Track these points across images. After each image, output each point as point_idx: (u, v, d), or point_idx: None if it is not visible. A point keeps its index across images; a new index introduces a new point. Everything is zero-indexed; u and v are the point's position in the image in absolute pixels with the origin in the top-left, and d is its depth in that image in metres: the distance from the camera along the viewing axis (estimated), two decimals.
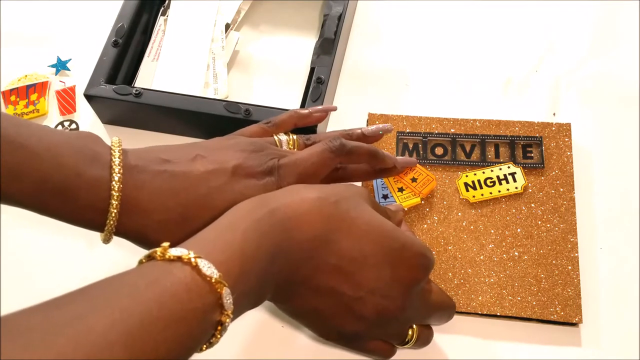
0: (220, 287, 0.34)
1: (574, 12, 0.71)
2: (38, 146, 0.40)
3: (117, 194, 0.41)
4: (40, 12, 0.75)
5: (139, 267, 0.35)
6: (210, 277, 0.34)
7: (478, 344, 0.54)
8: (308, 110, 0.55)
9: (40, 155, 0.40)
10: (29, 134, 0.40)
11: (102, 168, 0.41)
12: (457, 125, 0.62)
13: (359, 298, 0.43)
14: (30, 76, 0.70)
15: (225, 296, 0.35)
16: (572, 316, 0.53)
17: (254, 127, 0.52)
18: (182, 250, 0.35)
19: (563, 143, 0.60)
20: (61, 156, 0.40)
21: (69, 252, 0.60)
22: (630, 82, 0.66)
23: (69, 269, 0.59)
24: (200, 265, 0.34)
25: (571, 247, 0.56)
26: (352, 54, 0.70)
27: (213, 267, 0.35)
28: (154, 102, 0.61)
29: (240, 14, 0.71)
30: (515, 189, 0.58)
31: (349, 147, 0.49)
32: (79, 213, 0.42)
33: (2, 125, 0.39)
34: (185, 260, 0.34)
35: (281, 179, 0.46)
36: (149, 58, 0.68)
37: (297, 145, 0.51)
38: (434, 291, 0.48)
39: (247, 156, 0.46)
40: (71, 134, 0.43)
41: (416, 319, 0.48)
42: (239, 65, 0.70)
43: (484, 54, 0.69)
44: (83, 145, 0.42)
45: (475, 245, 0.57)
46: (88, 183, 0.41)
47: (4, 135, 0.39)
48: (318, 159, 0.48)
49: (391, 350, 0.48)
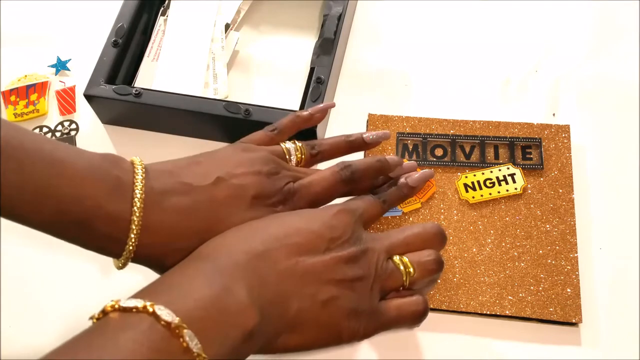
0: (180, 330, 0.34)
1: (574, 12, 0.71)
2: (60, 174, 0.39)
3: (137, 228, 0.41)
4: (40, 12, 0.75)
5: (97, 325, 0.35)
6: (170, 322, 0.34)
7: (478, 344, 0.54)
8: (309, 112, 0.55)
9: (61, 187, 0.39)
10: (50, 159, 0.39)
11: (123, 200, 0.41)
12: (457, 127, 0.62)
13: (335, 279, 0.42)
14: (30, 76, 0.70)
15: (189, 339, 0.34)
16: (572, 316, 0.53)
17: (260, 135, 0.52)
18: (137, 300, 0.35)
19: (562, 144, 0.61)
20: (82, 187, 0.40)
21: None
22: (630, 83, 0.66)
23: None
24: (159, 312, 0.34)
25: (570, 248, 0.56)
26: (352, 54, 0.70)
27: (172, 313, 0.34)
28: (154, 102, 0.62)
29: (240, 14, 0.71)
30: (515, 190, 0.59)
31: (359, 174, 0.50)
32: (97, 242, 0.42)
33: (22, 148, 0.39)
34: (142, 309, 0.34)
35: (295, 203, 0.47)
36: (149, 58, 0.68)
37: (305, 155, 0.51)
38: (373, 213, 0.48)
39: (264, 181, 0.46)
40: (94, 157, 0.42)
41: (381, 239, 0.46)
42: (239, 65, 0.70)
43: (484, 54, 0.69)
44: (105, 173, 0.41)
45: (475, 245, 0.57)
46: (108, 216, 0.41)
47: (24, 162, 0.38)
48: (329, 186, 0.49)
49: (413, 303, 0.45)
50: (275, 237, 0.42)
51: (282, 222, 0.44)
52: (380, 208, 0.49)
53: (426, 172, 0.52)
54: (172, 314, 0.34)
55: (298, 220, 0.44)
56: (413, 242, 0.46)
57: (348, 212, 0.45)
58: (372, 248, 0.44)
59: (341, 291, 0.42)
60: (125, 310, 0.34)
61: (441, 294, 0.55)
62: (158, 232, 0.42)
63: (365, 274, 0.43)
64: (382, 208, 0.49)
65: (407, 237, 0.46)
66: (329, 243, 0.43)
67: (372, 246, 0.45)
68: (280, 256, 0.41)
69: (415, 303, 0.45)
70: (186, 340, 0.34)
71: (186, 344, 0.34)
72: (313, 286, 0.41)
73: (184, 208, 0.43)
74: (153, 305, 0.34)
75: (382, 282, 0.44)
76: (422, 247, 0.46)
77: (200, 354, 0.34)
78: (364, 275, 0.43)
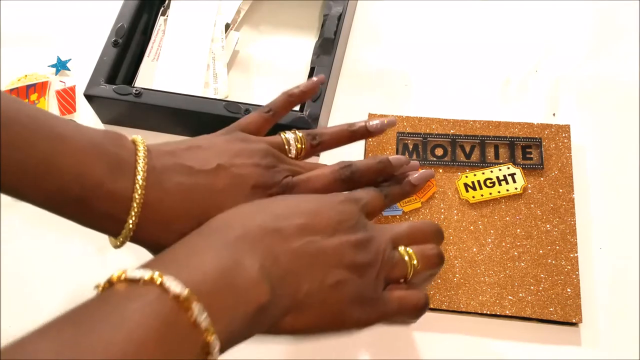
0: (189, 303, 0.33)
1: (574, 12, 0.71)
2: (61, 151, 0.39)
3: (138, 206, 0.41)
4: (40, 12, 0.75)
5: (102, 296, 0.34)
6: (179, 294, 0.33)
7: (478, 344, 0.54)
8: (300, 89, 0.53)
9: (62, 164, 0.39)
10: (52, 135, 0.39)
11: (124, 178, 0.41)
12: (457, 126, 0.62)
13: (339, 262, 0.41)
14: (30, 76, 0.70)
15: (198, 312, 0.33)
16: (572, 316, 0.53)
17: (255, 117, 0.51)
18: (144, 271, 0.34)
19: (562, 144, 0.61)
20: (84, 164, 0.39)
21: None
22: (630, 83, 0.66)
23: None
24: (167, 283, 0.33)
25: (570, 247, 0.56)
26: (352, 54, 0.70)
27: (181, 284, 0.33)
28: (154, 102, 0.62)
29: (240, 14, 0.72)
30: (515, 190, 0.59)
31: (359, 174, 0.49)
32: (96, 220, 0.41)
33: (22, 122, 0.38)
34: (149, 280, 0.33)
35: None
36: (149, 58, 0.68)
37: (305, 145, 0.51)
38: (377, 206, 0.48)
39: (263, 173, 0.46)
40: (95, 134, 0.41)
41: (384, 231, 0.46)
42: (239, 65, 0.70)
43: (484, 54, 0.69)
44: (107, 150, 0.41)
45: (475, 245, 0.57)
46: (109, 193, 0.40)
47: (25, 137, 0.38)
48: (327, 184, 0.48)
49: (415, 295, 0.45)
50: (286, 215, 0.41)
51: (290, 202, 0.44)
52: (382, 201, 0.48)
53: (428, 171, 0.52)
54: (181, 285, 0.33)
55: (306, 202, 0.44)
56: (416, 235, 0.46)
57: (352, 201, 0.45)
58: (378, 236, 0.44)
59: (349, 276, 0.41)
60: (132, 280, 0.33)
61: (441, 294, 0.55)
62: (158, 211, 0.42)
63: (372, 260, 0.43)
64: (384, 202, 0.49)
65: (410, 229, 0.46)
66: (337, 225, 0.42)
67: (378, 234, 0.44)
68: (292, 234, 0.40)
69: (417, 296, 0.45)
70: (195, 314, 0.33)
71: (194, 318, 0.33)
72: (323, 268, 0.41)
73: (185, 189, 0.43)
74: (161, 276, 0.33)
75: (388, 271, 0.44)
76: (424, 241, 0.46)
77: (208, 329, 0.33)
78: (371, 262, 0.43)
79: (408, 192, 0.51)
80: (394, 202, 0.50)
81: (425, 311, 0.45)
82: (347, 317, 0.42)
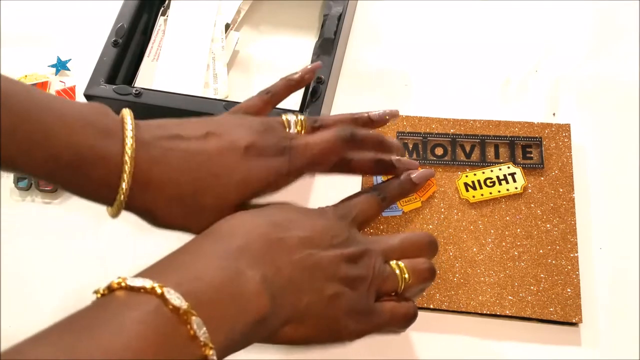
0: (188, 317, 0.33)
1: (574, 12, 0.71)
2: (53, 121, 0.39)
3: (129, 169, 0.40)
4: (40, 12, 0.75)
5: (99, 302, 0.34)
6: (178, 307, 0.33)
7: (478, 344, 0.54)
8: (299, 74, 0.53)
9: (53, 132, 0.39)
10: (42, 106, 0.39)
11: (114, 143, 0.41)
12: (457, 126, 0.62)
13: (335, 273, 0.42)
14: (30, 76, 0.70)
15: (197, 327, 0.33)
16: (572, 316, 0.53)
17: (254, 100, 0.51)
18: (145, 280, 0.34)
19: (562, 143, 0.61)
20: (74, 132, 0.40)
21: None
22: (630, 82, 0.66)
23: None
24: (167, 295, 0.33)
25: (571, 247, 0.56)
26: (352, 54, 0.70)
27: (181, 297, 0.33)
28: (154, 102, 0.62)
29: (240, 14, 0.72)
30: (515, 189, 0.59)
31: (359, 137, 0.48)
32: (90, 187, 0.41)
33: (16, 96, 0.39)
34: (150, 290, 0.33)
35: (292, 160, 0.46)
36: (149, 58, 0.68)
37: (305, 127, 0.50)
38: None
39: (259, 136, 0.45)
40: (83, 106, 0.42)
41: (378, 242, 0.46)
42: (239, 65, 0.70)
43: (484, 54, 0.69)
44: (96, 119, 0.41)
45: (475, 245, 0.57)
46: (100, 159, 0.40)
47: (17, 109, 0.38)
48: (328, 145, 0.47)
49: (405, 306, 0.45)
50: (287, 226, 0.42)
51: (288, 213, 0.44)
52: (378, 206, 0.48)
53: (428, 170, 0.52)
54: (181, 299, 0.33)
55: (303, 214, 0.44)
56: (408, 249, 0.46)
57: (341, 217, 0.46)
58: (370, 250, 0.44)
59: (344, 289, 0.42)
60: (132, 289, 0.33)
61: (441, 294, 0.55)
62: (149, 176, 0.41)
63: (365, 274, 0.43)
64: (381, 206, 0.49)
65: (402, 243, 0.46)
66: (331, 239, 0.43)
67: (370, 248, 0.45)
68: (294, 246, 0.41)
69: (406, 307, 0.45)
70: (194, 328, 0.33)
71: (193, 332, 0.33)
72: (321, 280, 0.41)
73: (175, 155, 0.43)
74: (162, 287, 0.33)
75: (379, 284, 0.44)
76: (416, 254, 0.46)
77: (207, 344, 0.33)
78: (363, 276, 0.43)
79: (409, 190, 0.51)
80: (392, 202, 0.50)
81: (414, 321, 0.46)
82: (343, 329, 0.43)
